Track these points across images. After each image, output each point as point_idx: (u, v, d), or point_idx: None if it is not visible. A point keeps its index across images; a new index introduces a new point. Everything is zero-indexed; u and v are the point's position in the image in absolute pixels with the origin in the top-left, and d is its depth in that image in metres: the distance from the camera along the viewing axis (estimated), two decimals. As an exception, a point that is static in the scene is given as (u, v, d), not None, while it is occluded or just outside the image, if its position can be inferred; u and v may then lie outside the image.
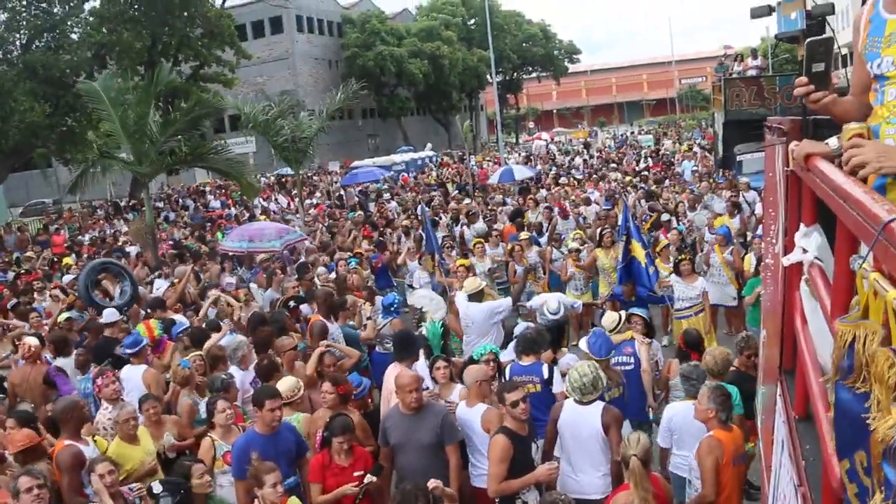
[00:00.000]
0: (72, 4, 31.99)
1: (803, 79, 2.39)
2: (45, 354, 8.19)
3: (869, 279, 1.38)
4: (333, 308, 8.49)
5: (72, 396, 5.92)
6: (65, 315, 9.93)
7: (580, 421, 5.30)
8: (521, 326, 7.27)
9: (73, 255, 18.30)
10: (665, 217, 14.12)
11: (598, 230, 12.18)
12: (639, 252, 9.94)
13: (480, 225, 15.60)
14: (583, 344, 6.53)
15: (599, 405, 5.35)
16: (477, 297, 8.32)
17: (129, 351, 7.45)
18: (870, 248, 1.43)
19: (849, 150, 1.98)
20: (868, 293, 1.40)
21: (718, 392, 5.10)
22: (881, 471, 1.17)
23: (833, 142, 2.73)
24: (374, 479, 5.11)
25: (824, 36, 2.47)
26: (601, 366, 5.97)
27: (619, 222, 11.90)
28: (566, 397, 5.65)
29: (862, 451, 1.32)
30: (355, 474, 5.18)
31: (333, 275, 11.21)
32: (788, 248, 2.83)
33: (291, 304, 9.58)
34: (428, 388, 5.93)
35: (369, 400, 7.18)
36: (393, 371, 6.33)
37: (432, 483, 4.52)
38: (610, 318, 7.56)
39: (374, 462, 5.39)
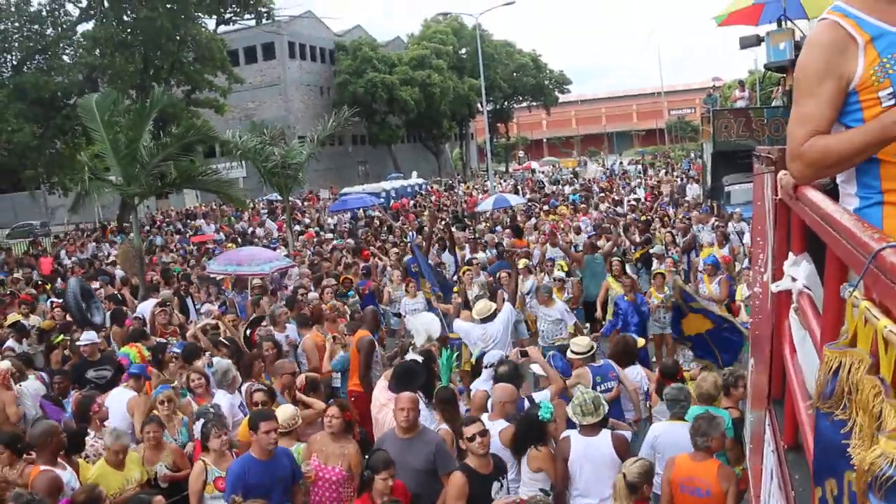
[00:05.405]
0: (64, 27, 32.07)
1: None
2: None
3: (860, 307, 1.38)
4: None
5: (49, 421, 5.78)
6: (60, 337, 9.88)
7: (594, 452, 5.30)
8: (492, 355, 7.23)
9: (60, 279, 18.15)
10: (656, 249, 13.92)
11: (609, 261, 12.07)
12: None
13: (479, 255, 15.44)
14: (539, 369, 6.64)
15: (607, 433, 5.38)
16: (490, 318, 8.36)
17: (135, 372, 7.38)
18: (860, 277, 1.43)
19: None
20: (858, 321, 1.39)
21: (699, 417, 5.12)
22: (867, 500, 1.15)
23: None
24: None
25: None
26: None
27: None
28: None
29: (833, 479, 1.31)
30: None
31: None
32: (777, 276, 2.83)
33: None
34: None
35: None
36: (380, 396, 6.31)
37: None
38: (582, 342, 7.29)
39: (411, 497, 5.11)
